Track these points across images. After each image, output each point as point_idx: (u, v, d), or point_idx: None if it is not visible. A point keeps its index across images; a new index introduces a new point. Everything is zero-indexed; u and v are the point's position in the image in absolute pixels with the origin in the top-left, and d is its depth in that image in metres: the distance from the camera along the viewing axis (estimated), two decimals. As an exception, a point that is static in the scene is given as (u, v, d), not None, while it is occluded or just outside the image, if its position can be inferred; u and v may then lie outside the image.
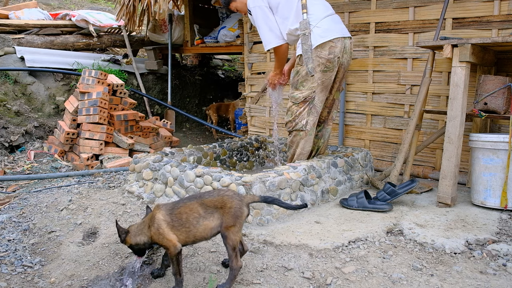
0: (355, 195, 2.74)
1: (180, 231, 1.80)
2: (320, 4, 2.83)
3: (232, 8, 3.07)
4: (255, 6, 2.83)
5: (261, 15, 2.82)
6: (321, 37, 2.71)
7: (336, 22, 2.82)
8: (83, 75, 4.08)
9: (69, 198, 2.98)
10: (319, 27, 2.72)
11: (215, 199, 1.80)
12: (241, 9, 3.05)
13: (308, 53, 2.70)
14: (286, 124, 2.93)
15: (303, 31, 2.71)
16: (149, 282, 2.05)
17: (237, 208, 1.77)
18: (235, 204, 1.77)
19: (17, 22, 5.40)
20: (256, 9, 2.82)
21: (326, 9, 2.82)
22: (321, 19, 2.74)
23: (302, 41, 2.72)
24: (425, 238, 2.22)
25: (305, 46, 2.71)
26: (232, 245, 1.75)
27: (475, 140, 2.68)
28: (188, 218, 1.80)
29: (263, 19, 2.83)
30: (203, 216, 1.79)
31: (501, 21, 3.02)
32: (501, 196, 2.57)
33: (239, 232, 1.76)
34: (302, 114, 2.83)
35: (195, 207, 1.81)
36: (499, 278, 1.88)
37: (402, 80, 3.55)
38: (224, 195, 1.82)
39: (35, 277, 2.18)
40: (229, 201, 1.78)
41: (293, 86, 2.85)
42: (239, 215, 1.75)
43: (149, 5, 4.92)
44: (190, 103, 6.39)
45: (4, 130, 4.22)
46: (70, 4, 9.29)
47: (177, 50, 6.10)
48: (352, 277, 1.91)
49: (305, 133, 2.87)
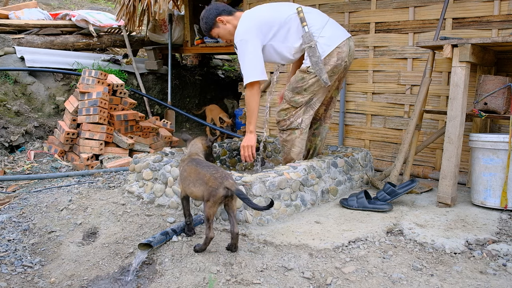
0: (355, 195, 2.74)
1: (181, 183, 2.24)
2: (315, 13, 2.80)
3: (214, 35, 2.88)
4: (247, 40, 2.66)
5: (252, 46, 2.66)
6: (327, 45, 2.68)
7: (336, 26, 2.81)
8: (83, 75, 4.08)
9: (69, 198, 2.98)
10: (323, 36, 2.69)
11: (205, 174, 2.11)
12: (224, 37, 2.87)
13: (319, 64, 2.67)
14: (279, 122, 2.86)
15: (308, 43, 2.67)
16: (149, 282, 2.05)
17: (214, 188, 2.03)
18: (214, 185, 2.04)
19: (17, 22, 5.40)
20: (248, 43, 2.66)
21: (322, 17, 2.80)
22: (322, 28, 2.71)
23: (309, 54, 2.67)
24: (425, 238, 2.22)
25: (314, 58, 2.66)
26: (206, 216, 2.04)
27: (475, 140, 2.68)
28: (187, 177, 2.18)
29: (253, 50, 2.67)
30: (193, 182, 2.14)
31: (501, 21, 3.02)
32: (501, 196, 2.57)
33: (213, 208, 2.03)
34: (298, 113, 2.81)
35: (193, 173, 2.16)
36: (499, 278, 1.88)
37: (402, 80, 3.56)
38: (212, 174, 2.09)
39: (35, 277, 2.18)
40: (210, 180, 2.06)
41: (294, 90, 2.77)
42: (214, 194, 2.02)
43: (149, 5, 4.92)
44: (190, 103, 6.39)
45: (4, 130, 4.22)
46: (70, 4, 9.29)
47: (177, 50, 6.10)
48: (352, 277, 1.91)
49: (300, 132, 2.84)
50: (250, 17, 2.75)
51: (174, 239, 2.27)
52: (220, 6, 2.85)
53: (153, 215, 2.62)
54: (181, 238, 2.29)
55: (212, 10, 2.82)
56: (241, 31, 2.69)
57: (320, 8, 3.95)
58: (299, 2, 4.09)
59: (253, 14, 2.78)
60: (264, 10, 2.80)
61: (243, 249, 2.15)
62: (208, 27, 2.84)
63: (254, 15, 2.77)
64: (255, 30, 2.68)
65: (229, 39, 2.87)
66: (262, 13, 2.77)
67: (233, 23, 2.80)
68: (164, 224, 2.49)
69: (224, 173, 2.11)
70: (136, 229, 2.48)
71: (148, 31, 5.98)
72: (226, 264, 2.06)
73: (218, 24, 2.82)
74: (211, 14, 2.80)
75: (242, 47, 2.68)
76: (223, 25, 2.82)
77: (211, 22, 2.81)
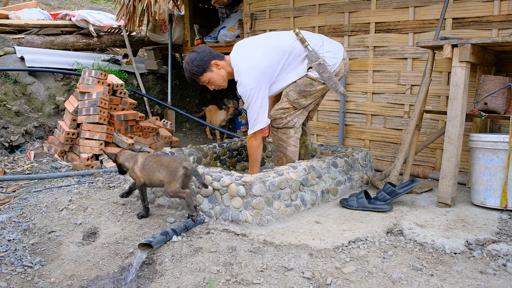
0: (355, 195, 2.74)
1: (143, 173, 2.54)
2: (308, 32, 2.83)
3: (202, 80, 2.71)
4: (259, 87, 2.61)
5: (262, 95, 2.63)
6: (336, 59, 2.75)
7: (330, 39, 2.87)
8: (83, 75, 4.08)
9: (69, 198, 2.98)
10: (329, 51, 2.74)
11: (166, 160, 2.49)
12: (215, 82, 2.73)
13: (333, 79, 2.70)
14: (275, 120, 2.84)
15: (315, 61, 2.68)
16: (149, 282, 2.05)
17: (174, 168, 2.40)
18: (174, 166, 2.42)
19: (17, 22, 5.40)
20: (260, 89, 2.61)
21: (314, 34, 2.85)
22: (322, 44, 2.76)
23: (319, 71, 2.69)
24: (425, 238, 2.22)
25: (326, 74, 2.69)
26: (170, 192, 2.40)
27: (475, 140, 2.68)
28: (151, 166, 2.51)
29: (263, 99, 2.65)
30: (157, 169, 2.48)
31: (501, 21, 3.02)
32: (501, 196, 2.57)
33: (175, 185, 2.38)
34: (296, 113, 2.84)
35: (156, 162, 2.51)
36: (499, 278, 1.88)
37: (402, 80, 3.56)
38: (171, 158, 2.49)
39: (35, 277, 2.18)
40: (171, 163, 2.44)
41: (301, 93, 2.76)
42: (175, 173, 2.39)
43: (149, 5, 4.92)
44: (190, 103, 6.39)
45: (4, 130, 4.22)
46: (70, 4, 9.30)
47: (177, 50, 6.10)
48: (352, 277, 1.91)
49: (295, 131, 2.86)
50: (255, 65, 2.65)
51: (174, 239, 2.27)
52: (212, 50, 2.74)
53: (153, 215, 2.63)
54: (181, 238, 2.30)
55: (206, 52, 2.69)
56: (253, 78, 2.62)
57: (320, 8, 3.96)
58: (299, 3, 4.11)
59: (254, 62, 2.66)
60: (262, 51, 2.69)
61: (243, 249, 2.15)
62: (200, 71, 2.68)
63: (256, 61, 2.65)
64: (263, 77, 2.64)
65: (219, 86, 2.78)
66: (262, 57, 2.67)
67: (226, 69, 2.74)
68: (164, 224, 2.49)
69: (181, 158, 2.59)
70: (136, 229, 2.48)
71: (148, 31, 5.97)
72: (226, 264, 2.06)
73: (212, 68, 2.69)
74: (206, 57, 2.66)
75: (253, 95, 2.62)
76: (217, 70, 2.71)
77: (205, 65, 2.67)
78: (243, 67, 2.66)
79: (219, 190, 2.47)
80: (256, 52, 2.70)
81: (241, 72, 2.66)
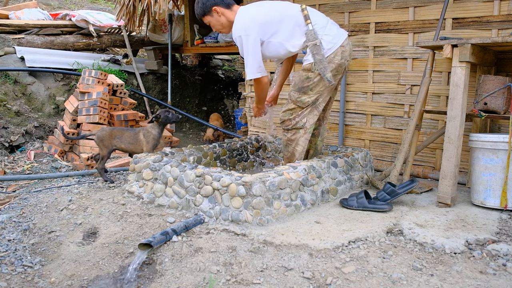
0: (355, 195, 2.74)
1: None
2: (317, 12, 2.82)
3: (205, 21, 2.89)
4: (247, 35, 2.68)
5: (252, 45, 2.68)
6: (333, 43, 2.71)
7: (336, 26, 2.84)
8: (83, 75, 4.08)
9: (69, 198, 2.98)
10: (328, 34, 2.71)
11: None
12: (214, 26, 2.88)
13: (324, 62, 2.68)
14: (284, 122, 2.88)
15: (312, 41, 2.68)
16: (149, 282, 2.06)
17: (99, 136, 3.26)
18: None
19: (17, 22, 5.40)
20: (248, 38, 2.68)
21: (323, 16, 2.83)
22: (325, 27, 2.73)
23: (313, 52, 2.69)
24: (425, 238, 2.22)
25: (318, 56, 2.68)
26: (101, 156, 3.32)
27: (475, 140, 2.68)
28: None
29: (253, 49, 2.69)
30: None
31: (501, 21, 3.02)
32: (501, 196, 2.57)
33: (104, 151, 3.27)
34: (304, 113, 2.83)
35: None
36: (499, 278, 1.88)
37: (402, 80, 3.56)
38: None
39: (35, 277, 2.18)
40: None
41: (301, 90, 2.78)
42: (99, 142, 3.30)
43: (149, 5, 4.92)
44: (190, 103, 6.39)
45: (4, 130, 4.22)
46: (70, 4, 9.30)
47: (177, 50, 6.10)
48: (352, 277, 1.91)
49: (305, 131, 2.85)
50: (252, 15, 2.73)
51: (174, 239, 2.27)
52: None
53: (153, 215, 2.63)
54: (181, 238, 2.30)
55: None
56: (243, 27, 2.70)
57: (320, 8, 3.95)
58: (299, 2, 4.10)
59: (254, 13, 2.75)
60: (266, 8, 2.79)
61: (243, 249, 2.15)
62: (202, 12, 2.84)
63: (256, 13, 2.74)
64: (257, 28, 2.68)
65: (219, 30, 2.90)
66: (264, 12, 2.75)
67: (228, 17, 2.80)
68: (164, 224, 2.49)
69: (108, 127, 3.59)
70: (136, 229, 2.48)
71: (148, 31, 5.97)
72: (226, 264, 2.06)
73: (212, 13, 2.81)
74: (209, 1, 2.80)
75: (247, 42, 2.69)
76: (217, 16, 2.81)
77: (207, 9, 2.81)
78: (238, 16, 2.77)
79: (219, 190, 2.47)
80: (257, 8, 2.80)
81: (235, 20, 2.76)
